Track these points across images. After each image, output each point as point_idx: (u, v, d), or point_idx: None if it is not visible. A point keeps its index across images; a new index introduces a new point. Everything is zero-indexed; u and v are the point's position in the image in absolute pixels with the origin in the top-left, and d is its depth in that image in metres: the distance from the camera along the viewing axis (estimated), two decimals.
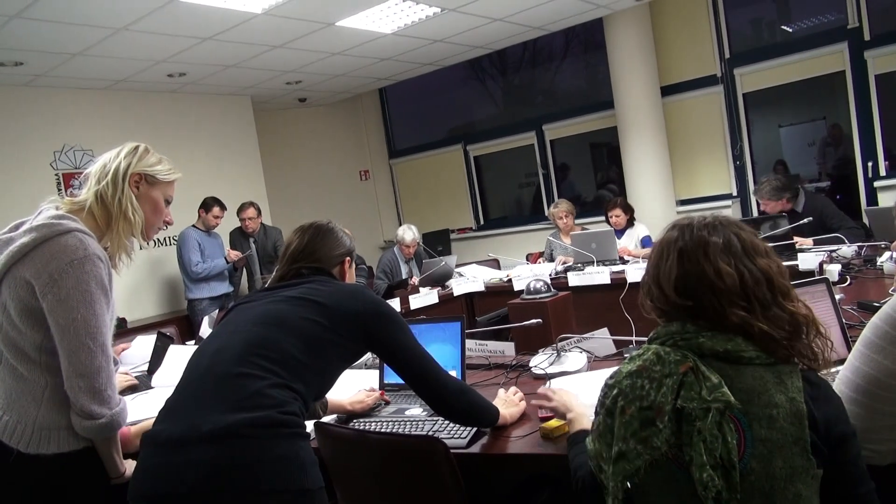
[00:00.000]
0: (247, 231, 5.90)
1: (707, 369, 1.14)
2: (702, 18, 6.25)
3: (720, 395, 1.10)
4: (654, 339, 1.24)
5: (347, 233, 1.90)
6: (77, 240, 1.55)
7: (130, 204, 1.69)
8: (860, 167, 5.71)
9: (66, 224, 1.57)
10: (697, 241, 1.22)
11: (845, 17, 5.62)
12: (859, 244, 3.75)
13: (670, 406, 1.13)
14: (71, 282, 1.51)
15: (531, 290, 3.38)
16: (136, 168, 1.72)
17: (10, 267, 1.54)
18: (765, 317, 1.17)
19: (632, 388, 1.17)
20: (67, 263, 1.51)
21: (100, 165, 1.72)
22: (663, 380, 1.15)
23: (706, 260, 1.19)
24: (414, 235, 5.44)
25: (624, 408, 1.16)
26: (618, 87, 6.37)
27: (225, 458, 1.36)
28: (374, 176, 8.86)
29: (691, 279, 1.20)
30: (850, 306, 2.47)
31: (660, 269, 1.25)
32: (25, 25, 4.16)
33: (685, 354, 1.17)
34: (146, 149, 1.78)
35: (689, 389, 1.12)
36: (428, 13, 5.11)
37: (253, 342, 1.51)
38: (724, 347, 1.16)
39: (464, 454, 1.72)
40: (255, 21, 4.69)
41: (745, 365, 1.16)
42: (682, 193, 6.52)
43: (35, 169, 5.49)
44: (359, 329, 1.62)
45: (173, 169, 1.82)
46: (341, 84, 7.16)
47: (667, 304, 1.23)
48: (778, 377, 1.14)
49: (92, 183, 1.69)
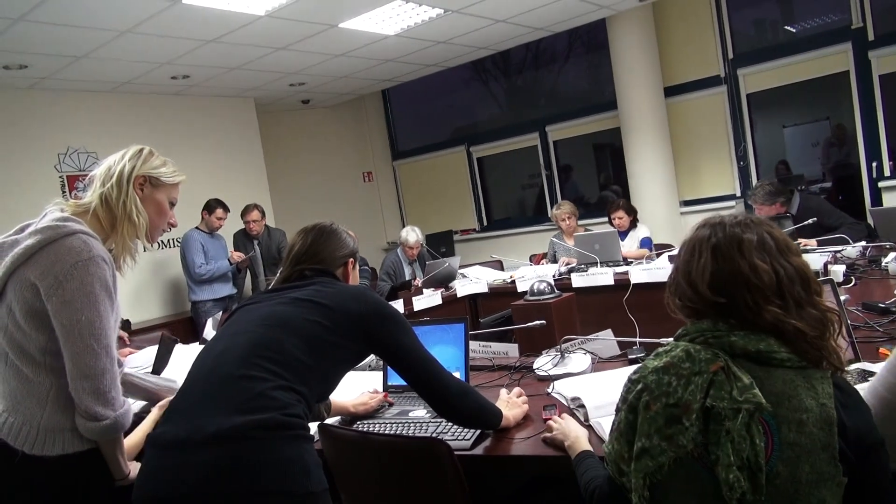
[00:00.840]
0: (251, 233, 5.91)
1: (738, 369, 1.13)
2: (705, 19, 6.24)
3: (751, 397, 1.09)
4: (683, 335, 1.23)
5: (351, 234, 1.90)
6: (81, 241, 1.55)
7: (135, 206, 1.69)
8: (864, 167, 5.69)
9: (71, 226, 1.57)
10: (731, 238, 1.21)
11: (849, 16, 5.60)
12: (864, 245, 3.74)
13: (699, 405, 1.11)
14: (75, 283, 1.51)
15: (535, 291, 3.37)
16: (141, 170, 1.72)
17: (15, 269, 1.55)
18: (799, 315, 1.16)
19: (658, 384, 1.16)
20: (72, 265, 1.52)
21: (104, 168, 1.72)
22: (692, 377, 1.14)
23: (741, 256, 1.18)
24: (417, 237, 5.44)
25: (649, 403, 1.15)
26: (621, 88, 6.36)
27: (229, 459, 1.36)
28: (377, 177, 8.87)
29: (726, 276, 1.19)
30: (855, 307, 2.47)
31: (692, 266, 1.23)
32: (30, 28, 4.17)
33: (716, 353, 1.15)
34: (150, 151, 1.78)
35: (720, 389, 1.11)
36: (431, 14, 5.11)
37: (257, 344, 1.51)
38: (757, 348, 1.15)
39: (467, 456, 1.72)
40: (258, 23, 4.70)
41: (775, 367, 1.14)
42: (686, 194, 6.51)
43: (39, 171, 5.50)
44: (360, 330, 1.62)
45: (178, 171, 1.82)
46: (344, 86, 7.16)
47: (700, 301, 1.21)
48: (808, 382, 1.13)
49: (97, 185, 1.70)
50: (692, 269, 1.22)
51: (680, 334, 1.24)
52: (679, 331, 1.25)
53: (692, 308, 1.23)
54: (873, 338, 2.15)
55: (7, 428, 1.55)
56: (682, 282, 1.25)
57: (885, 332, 2.19)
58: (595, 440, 1.66)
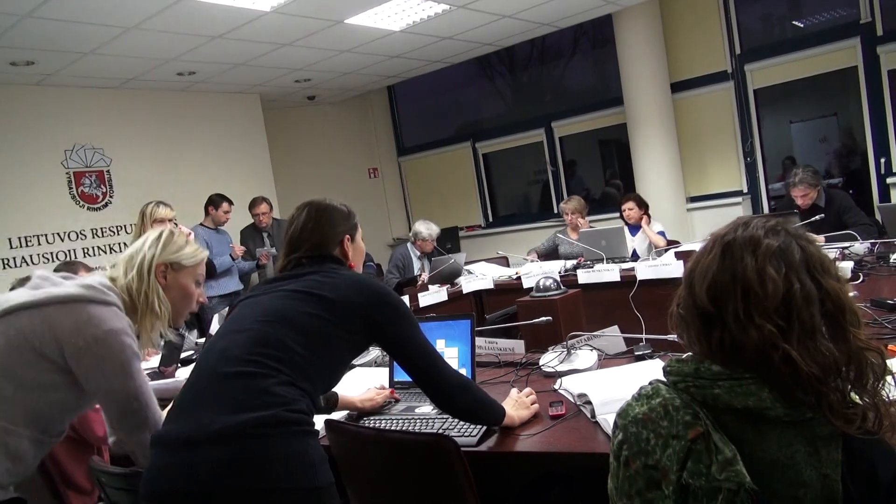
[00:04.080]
0: (260, 226, 5.94)
1: (720, 438, 0.95)
2: (712, 14, 6.21)
3: (733, 475, 0.91)
4: (668, 373, 1.06)
5: (346, 206, 1.84)
6: (113, 313, 1.60)
7: (157, 297, 1.70)
8: (872, 163, 5.66)
9: (112, 297, 1.62)
10: (749, 239, 1.02)
11: (857, 11, 5.56)
12: (872, 241, 3.72)
13: (675, 476, 0.95)
14: (105, 350, 1.55)
15: (540, 287, 3.37)
16: (161, 258, 1.73)
17: (45, 305, 1.57)
18: (801, 344, 0.95)
19: (636, 438, 1.00)
20: (105, 332, 1.55)
21: (127, 256, 1.75)
22: (669, 440, 0.97)
23: (752, 259, 1.00)
24: (430, 231, 5.41)
25: (629, 460, 1.00)
26: (627, 83, 6.33)
27: (235, 456, 1.36)
28: (382, 174, 8.87)
29: (726, 278, 1.01)
30: (863, 304, 2.45)
31: (698, 264, 1.06)
32: (37, 25, 4.18)
33: (696, 414, 0.97)
34: (170, 233, 1.78)
35: (697, 462, 0.94)
36: (437, 10, 5.10)
37: (258, 341, 1.51)
38: (744, 404, 0.96)
39: (474, 452, 1.72)
40: (263, 19, 4.70)
41: (770, 424, 0.96)
42: (693, 190, 6.48)
43: (46, 167, 5.52)
44: (360, 320, 1.61)
45: (199, 249, 1.83)
46: (350, 82, 7.16)
47: (691, 307, 1.04)
48: (812, 445, 0.94)
49: (121, 272, 1.72)
50: (697, 267, 1.06)
51: (665, 370, 1.07)
52: (666, 363, 1.09)
53: (681, 317, 1.07)
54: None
55: None
56: (684, 283, 1.08)
57: (894, 329, 2.17)
58: (602, 437, 1.66)
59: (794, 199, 4.23)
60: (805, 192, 4.16)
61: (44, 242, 5.43)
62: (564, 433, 1.75)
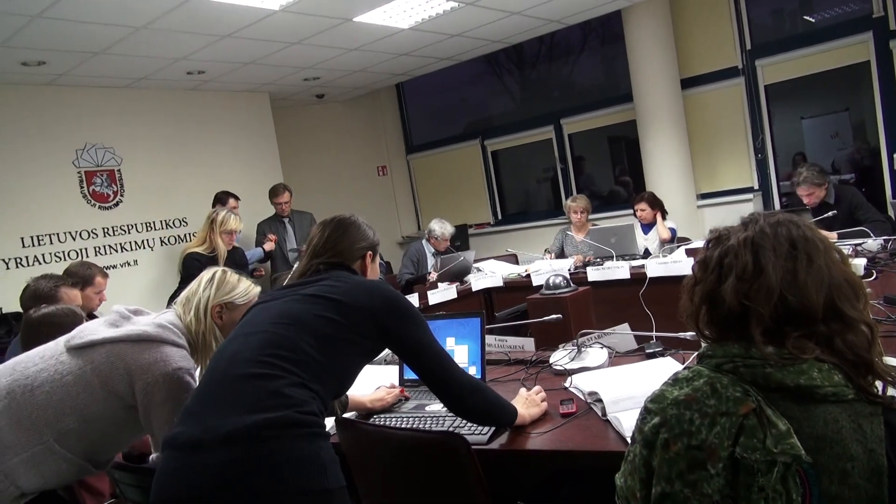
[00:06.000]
0: (282, 215, 6.08)
1: (773, 412, 0.97)
2: (722, 9, 6.16)
3: (788, 448, 0.93)
4: (709, 357, 1.07)
5: (371, 227, 1.89)
6: (182, 355, 1.73)
7: (214, 338, 1.82)
8: (885, 158, 5.60)
9: (183, 341, 1.75)
10: (812, 241, 1.09)
11: (870, 5, 5.51)
12: (885, 237, 3.69)
13: (726, 452, 0.96)
14: (172, 386, 1.68)
15: (550, 285, 3.36)
16: (216, 299, 1.84)
17: (122, 342, 1.69)
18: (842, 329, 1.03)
19: (678, 420, 1.00)
20: (174, 369, 1.68)
21: (184, 298, 1.86)
22: (717, 418, 0.98)
23: (829, 261, 1.07)
24: (444, 230, 5.43)
25: (668, 442, 0.99)
26: (637, 80, 6.30)
27: (244, 459, 1.36)
28: (391, 171, 8.87)
29: (774, 280, 1.03)
30: (876, 301, 2.43)
31: (729, 266, 1.08)
32: (47, 25, 4.21)
33: (746, 390, 0.99)
34: (223, 272, 1.89)
35: (751, 436, 0.95)
36: (445, 8, 5.09)
37: (270, 343, 1.52)
38: (796, 382, 0.99)
39: (485, 450, 1.72)
40: (272, 18, 4.70)
41: (817, 403, 0.98)
42: (703, 187, 6.44)
43: (57, 167, 5.55)
44: (373, 325, 1.62)
45: (250, 286, 1.92)
46: (359, 80, 7.16)
47: (724, 309, 1.06)
48: (856, 422, 0.98)
49: (181, 311, 1.84)
50: (730, 268, 1.07)
51: (705, 355, 1.08)
52: (703, 348, 1.10)
53: (713, 317, 1.08)
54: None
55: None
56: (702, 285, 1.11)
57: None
58: (613, 435, 1.65)
59: (801, 198, 4.21)
60: (809, 191, 4.14)
61: (55, 241, 5.46)
62: (575, 431, 1.75)
